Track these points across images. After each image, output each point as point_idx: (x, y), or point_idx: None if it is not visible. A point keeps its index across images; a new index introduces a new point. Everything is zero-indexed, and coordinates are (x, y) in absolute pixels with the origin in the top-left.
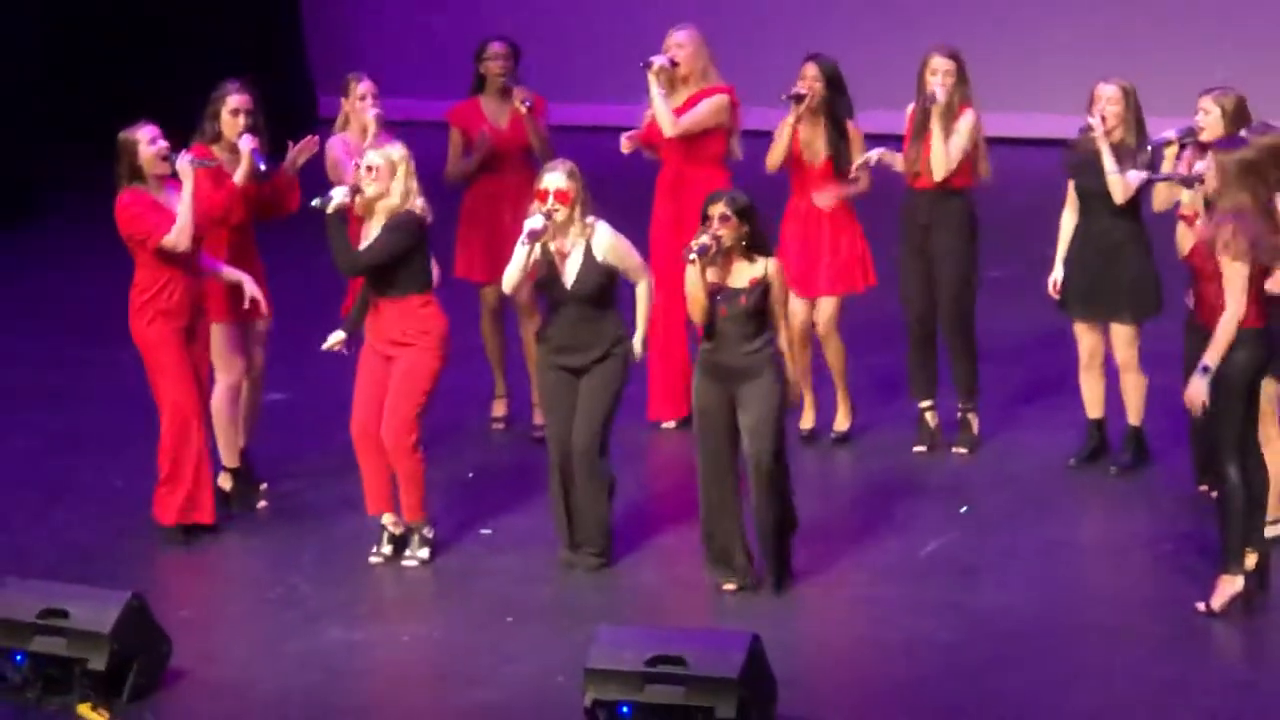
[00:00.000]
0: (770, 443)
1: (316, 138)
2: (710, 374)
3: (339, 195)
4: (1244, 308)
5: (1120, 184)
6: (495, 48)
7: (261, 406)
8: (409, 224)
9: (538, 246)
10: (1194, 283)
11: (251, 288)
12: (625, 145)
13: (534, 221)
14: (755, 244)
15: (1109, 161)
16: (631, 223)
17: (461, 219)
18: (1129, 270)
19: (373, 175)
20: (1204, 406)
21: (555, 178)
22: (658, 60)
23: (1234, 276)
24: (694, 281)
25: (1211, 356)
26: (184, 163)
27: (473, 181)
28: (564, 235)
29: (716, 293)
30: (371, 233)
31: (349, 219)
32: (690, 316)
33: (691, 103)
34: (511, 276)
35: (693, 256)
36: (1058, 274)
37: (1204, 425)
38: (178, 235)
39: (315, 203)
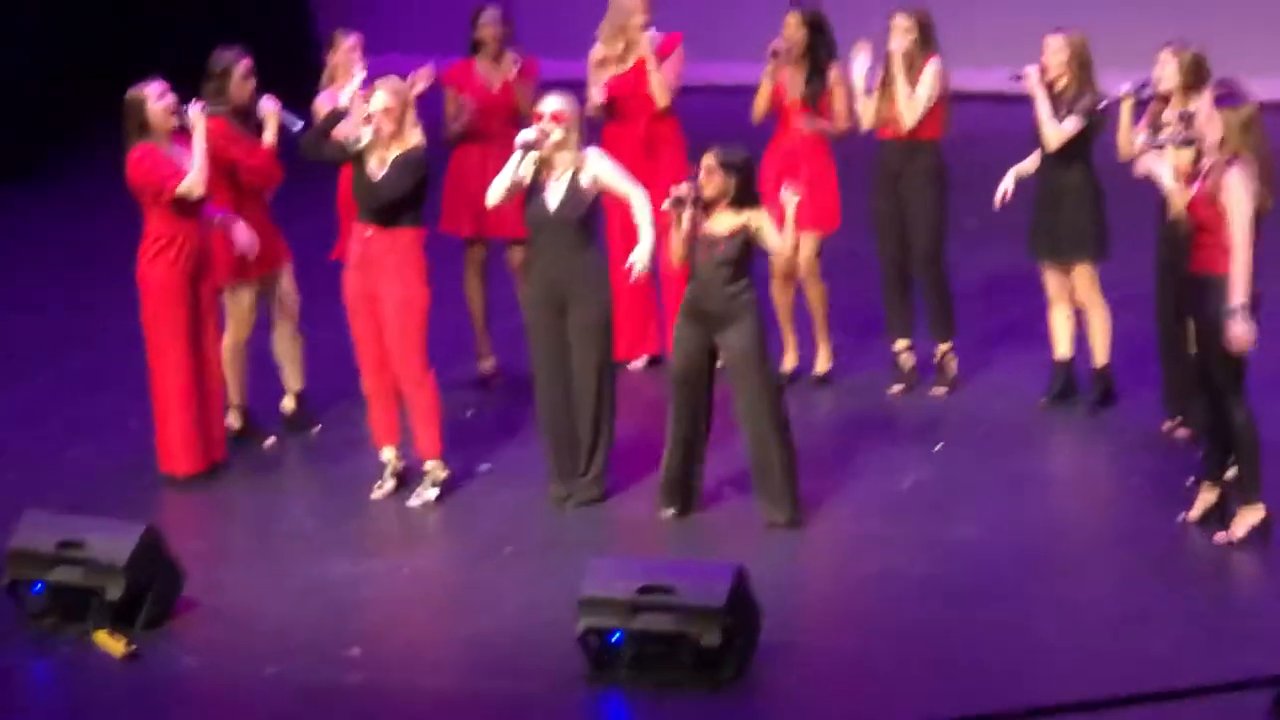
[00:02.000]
0: (762, 377)
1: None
2: (690, 317)
3: (367, 135)
4: (1250, 252)
5: (1053, 130)
6: (489, 13)
7: (302, 348)
8: (421, 159)
9: (529, 161)
10: (1193, 234)
11: (243, 238)
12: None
13: (528, 133)
14: (742, 197)
15: (1042, 109)
16: None
17: (448, 176)
18: (1077, 214)
19: (390, 115)
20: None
21: (552, 100)
22: (651, 35)
23: (1241, 219)
24: (674, 228)
25: (1237, 298)
26: (195, 110)
27: (461, 141)
28: (556, 161)
29: (697, 238)
30: (375, 167)
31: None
32: (671, 258)
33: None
34: (499, 187)
35: (667, 204)
36: (1008, 182)
37: (1204, 369)
38: (192, 182)
39: (347, 143)
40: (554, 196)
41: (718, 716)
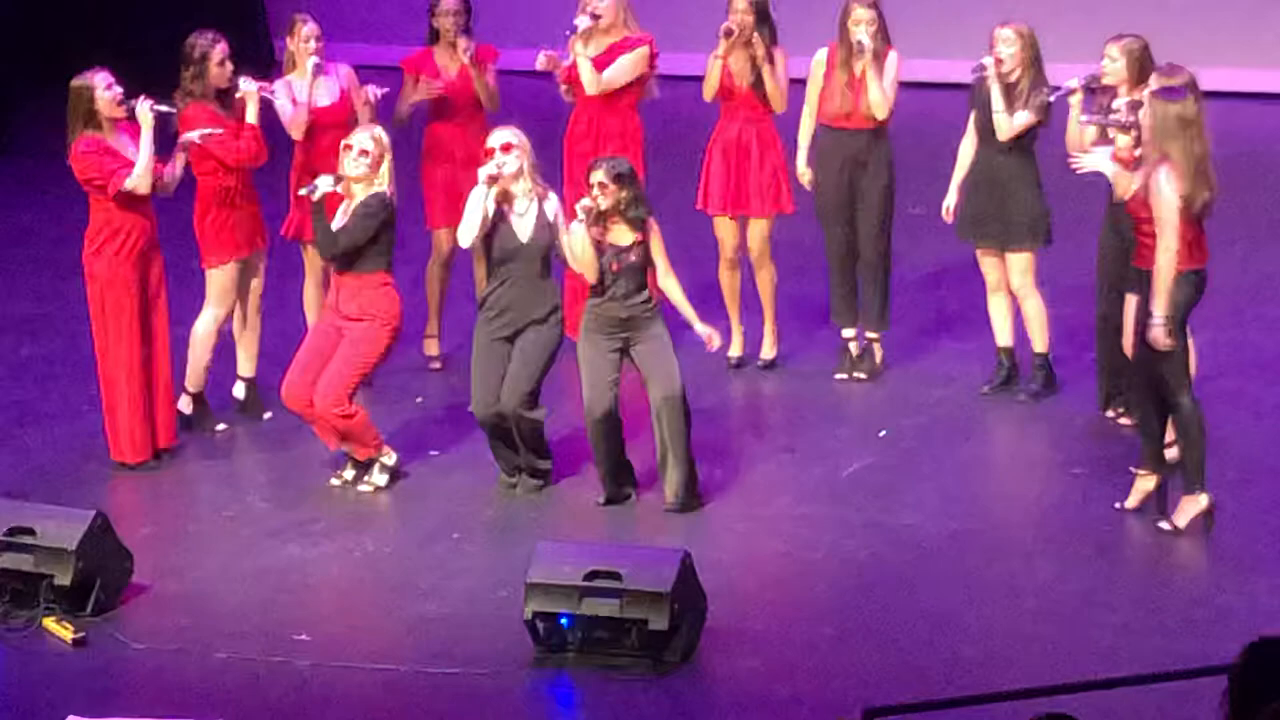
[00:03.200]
0: (679, 384)
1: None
2: (597, 326)
3: (325, 184)
4: (1176, 249)
5: (1005, 123)
6: (447, 3)
7: (260, 334)
8: (381, 206)
9: (491, 195)
10: (1136, 228)
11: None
12: (542, 62)
13: (488, 168)
14: (634, 206)
15: (997, 100)
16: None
17: (423, 174)
18: (1019, 202)
19: (365, 158)
20: (1163, 344)
21: (500, 134)
22: (581, 23)
23: (1168, 219)
24: (580, 240)
25: (1158, 304)
26: (143, 107)
27: (427, 131)
28: (515, 191)
29: (603, 250)
30: (341, 215)
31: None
32: (582, 273)
33: (611, 53)
34: (470, 227)
35: (581, 217)
36: (950, 200)
37: (1146, 362)
38: (137, 179)
39: (303, 191)
40: (525, 226)
41: (665, 699)
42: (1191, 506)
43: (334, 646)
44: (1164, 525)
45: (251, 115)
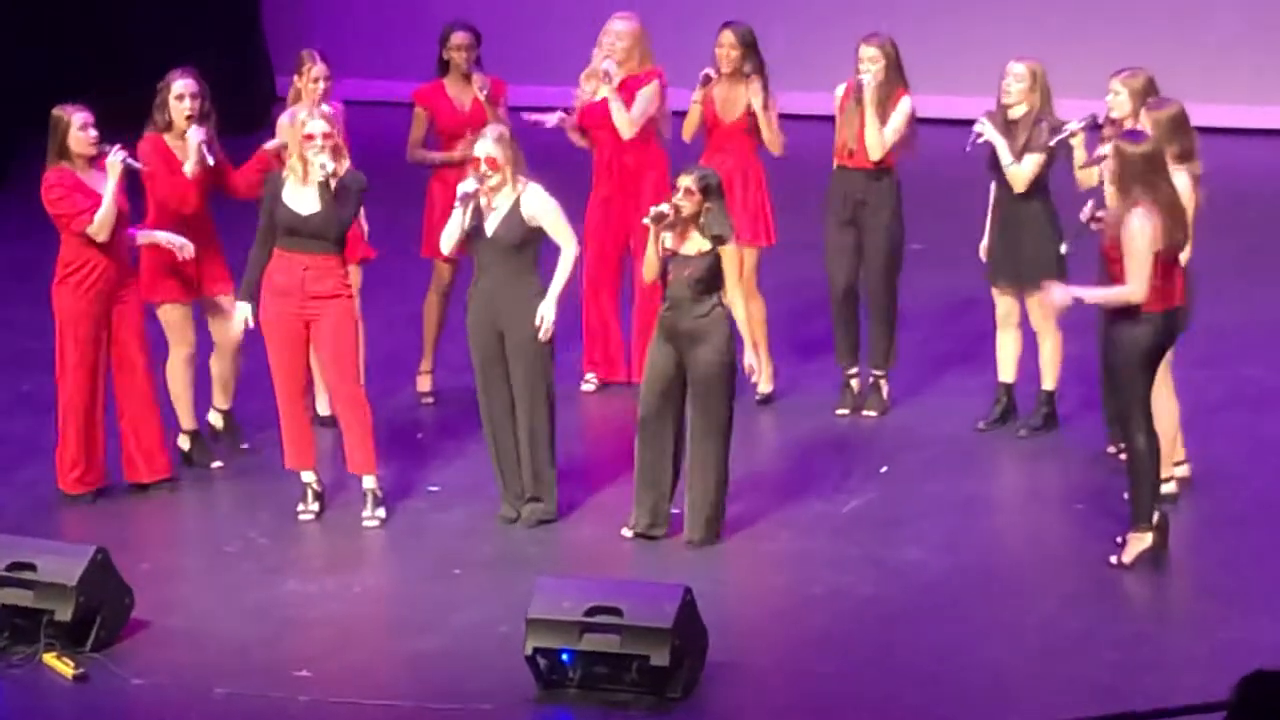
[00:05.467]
0: (721, 400)
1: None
2: (664, 334)
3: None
4: (1144, 289)
5: (1018, 174)
6: (459, 36)
7: (238, 371)
8: (363, 186)
9: (470, 214)
10: (1104, 268)
11: (172, 240)
12: (551, 122)
13: (466, 185)
14: (715, 221)
15: (1004, 154)
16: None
17: (428, 200)
18: (1033, 244)
19: (328, 143)
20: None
21: (485, 145)
22: (613, 70)
23: (1140, 252)
24: (650, 243)
25: (1090, 296)
26: (114, 158)
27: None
28: (495, 200)
29: (670, 258)
30: (306, 195)
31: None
32: (643, 276)
33: (628, 91)
34: (448, 237)
35: (647, 220)
36: (984, 241)
37: (1110, 396)
38: (98, 227)
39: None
40: (492, 222)
41: None
42: (1137, 544)
43: (335, 683)
44: (1112, 560)
45: (189, 166)
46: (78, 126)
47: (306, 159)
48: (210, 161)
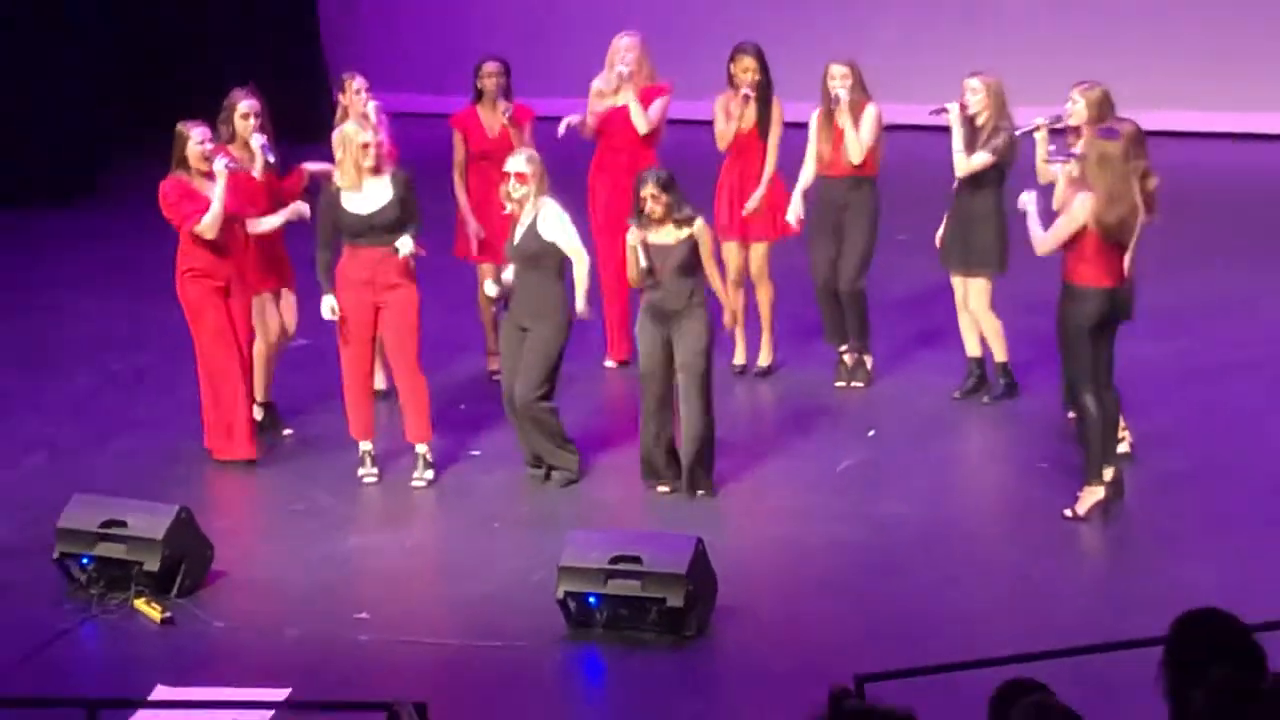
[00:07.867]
0: (700, 368)
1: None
2: (651, 316)
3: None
4: (1049, 248)
5: (962, 162)
6: (490, 66)
7: (274, 366)
8: (412, 180)
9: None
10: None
11: (286, 216)
12: (563, 130)
13: (489, 288)
14: (679, 208)
15: (957, 140)
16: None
17: (459, 212)
18: (981, 235)
19: (368, 151)
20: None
21: (516, 162)
22: (625, 71)
23: (1062, 226)
24: (633, 246)
25: (1030, 219)
26: (220, 165)
27: (469, 179)
28: (522, 212)
29: (654, 251)
30: (363, 198)
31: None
32: (629, 274)
33: (644, 99)
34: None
35: (631, 237)
36: (943, 229)
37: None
38: (205, 226)
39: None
40: (517, 235)
41: (681, 668)
42: (1090, 497)
43: (390, 624)
44: (1067, 513)
45: (255, 169)
46: (195, 140)
47: (360, 166)
48: (271, 159)
